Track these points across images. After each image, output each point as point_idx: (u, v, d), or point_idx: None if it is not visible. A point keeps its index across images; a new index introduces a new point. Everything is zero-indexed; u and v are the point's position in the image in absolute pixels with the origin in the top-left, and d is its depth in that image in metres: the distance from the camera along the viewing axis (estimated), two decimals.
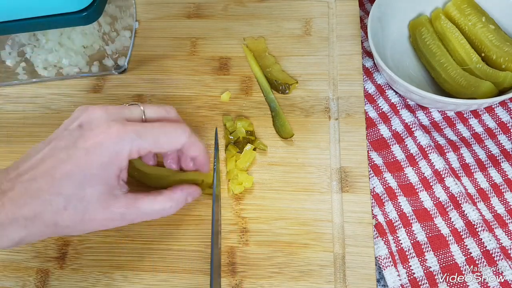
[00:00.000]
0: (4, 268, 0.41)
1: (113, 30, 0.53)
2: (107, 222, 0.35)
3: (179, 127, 0.37)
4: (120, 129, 0.34)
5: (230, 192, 0.43)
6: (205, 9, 0.57)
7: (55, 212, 0.33)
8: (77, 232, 0.35)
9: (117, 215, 0.35)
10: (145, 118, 0.37)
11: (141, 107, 0.37)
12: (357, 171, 0.44)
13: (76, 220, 0.34)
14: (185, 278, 0.40)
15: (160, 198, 0.37)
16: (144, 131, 0.35)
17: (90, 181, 0.33)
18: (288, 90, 0.49)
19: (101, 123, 0.34)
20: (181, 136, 0.36)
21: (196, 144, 0.38)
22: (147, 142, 0.35)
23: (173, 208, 0.38)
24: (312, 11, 0.55)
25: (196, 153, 0.39)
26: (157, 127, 0.36)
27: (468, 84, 0.46)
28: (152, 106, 0.38)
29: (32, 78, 0.52)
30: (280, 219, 0.42)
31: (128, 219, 0.36)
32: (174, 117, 0.39)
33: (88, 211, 0.34)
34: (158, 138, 0.35)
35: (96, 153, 0.33)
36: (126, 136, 0.34)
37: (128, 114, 0.36)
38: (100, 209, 0.34)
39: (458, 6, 0.51)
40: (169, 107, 0.39)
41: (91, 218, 0.34)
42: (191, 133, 0.37)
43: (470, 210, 0.42)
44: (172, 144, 0.36)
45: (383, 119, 0.48)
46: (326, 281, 0.39)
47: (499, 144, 0.46)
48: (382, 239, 0.41)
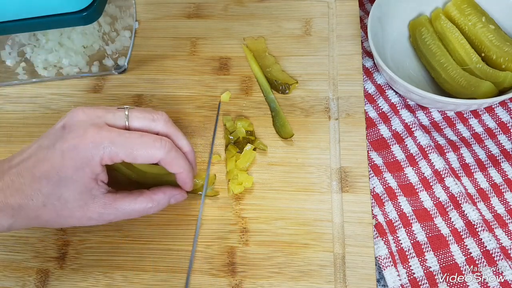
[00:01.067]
0: (4, 268, 0.41)
1: (113, 30, 0.53)
2: (86, 220, 0.36)
3: (158, 142, 0.36)
4: (95, 134, 0.34)
5: (230, 192, 0.43)
6: (205, 9, 0.57)
7: (36, 207, 0.34)
8: (58, 226, 0.37)
9: (95, 214, 0.36)
10: (128, 124, 0.36)
11: (127, 112, 0.36)
12: (357, 171, 0.44)
13: (55, 216, 0.35)
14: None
15: (141, 198, 0.37)
16: (119, 140, 0.34)
17: (65, 182, 0.34)
18: (288, 90, 0.49)
19: (80, 127, 0.35)
20: (158, 151, 0.35)
21: (176, 161, 0.37)
22: (120, 151, 0.34)
23: (153, 209, 0.38)
24: (312, 11, 0.55)
25: (176, 171, 0.38)
26: (134, 138, 0.35)
27: (468, 84, 0.46)
28: (139, 112, 0.37)
29: (32, 78, 0.52)
30: (280, 219, 0.42)
31: (107, 218, 0.37)
32: (161, 127, 0.37)
33: (65, 209, 0.35)
34: (132, 150, 0.35)
35: (70, 156, 0.34)
36: (99, 143, 0.34)
37: (110, 119, 0.36)
38: (77, 208, 0.35)
39: (458, 6, 0.51)
40: (158, 115, 0.38)
41: (69, 215, 0.35)
42: (170, 149, 0.36)
43: (470, 210, 0.42)
44: (147, 158, 0.35)
45: (383, 119, 0.48)
46: (326, 281, 0.39)
47: (499, 144, 0.46)
48: (382, 239, 0.41)
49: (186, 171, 0.38)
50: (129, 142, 0.35)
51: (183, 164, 0.37)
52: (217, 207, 0.43)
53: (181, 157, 0.37)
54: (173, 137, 0.38)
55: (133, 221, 0.43)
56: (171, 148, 0.36)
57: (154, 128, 0.37)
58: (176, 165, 0.37)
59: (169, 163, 0.37)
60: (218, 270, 0.40)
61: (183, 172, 0.38)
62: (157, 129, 0.37)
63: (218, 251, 0.41)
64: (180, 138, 0.39)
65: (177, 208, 0.43)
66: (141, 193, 0.38)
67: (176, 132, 0.38)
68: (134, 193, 0.38)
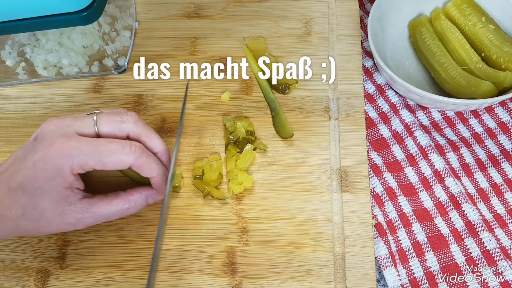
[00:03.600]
0: (4, 268, 0.41)
1: (113, 30, 0.53)
2: (65, 226, 0.37)
3: (127, 147, 0.35)
4: (63, 144, 0.34)
5: (230, 192, 0.43)
6: (205, 9, 0.57)
7: (15, 217, 0.35)
8: (39, 234, 0.38)
9: (73, 220, 0.36)
10: (98, 131, 0.36)
11: (95, 117, 0.36)
12: (357, 171, 0.44)
13: (34, 225, 0.36)
14: (185, 278, 0.40)
15: (116, 201, 0.38)
16: (87, 149, 0.34)
17: (39, 193, 0.35)
18: (288, 90, 0.49)
19: (49, 137, 0.35)
20: (127, 157, 0.35)
21: (147, 165, 0.36)
22: (90, 160, 0.34)
23: (131, 209, 0.38)
24: (312, 11, 0.55)
25: (149, 175, 0.37)
26: (102, 145, 0.35)
27: (468, 84, 0.46)
28: (107, 116, 0.37)
29: (32, 78, 0.52)
30: (280, 219, 0.42)
31: (85, 222, 0.37)
32: (131, 128, 0.37)
33: (43, 218, 0.35)
34: (101, 157, 0.35)
35: (40, 167, 0.34)
36: (68, 152, 0.34)
37: (79, 127, 0.36)
38: (55, 216, 0.35)
39: (458, 6, 0.51)
40: (127, 116, 0.37)
41: (47, 223, 0.36)
42: (141, 154, 0.36)
43: (470, 210, 0.42)
44: (117, 164, 0.35)
45: (383, 119, 0.48)
46: (326, 281, 0.39)
47: (499, 144, 0.46)
48: (382, 239, 0.41)
49: (159, 175, 0.38)
50: (98, 150, 0.35)
51: (156, 168, 0.37)
52: (217, 207, 0.43)
53: (153, 161, 0.37)
54: (144, 137, 0.38)
55: (133, 221, 0.43)
56: (142, 153, 0.36)
57: (125, 130, 0.37)
58: (148, 170, 0.37)
59: (141, 168, 0.36)
60: (218, 270, 0.40)
61: (156, 176, 0.37)
62: (128, 130, 0.37)
63: (218, 251, 0.41)
64: (152, 137, 0.38)
65: (177, 208, 0.43)
66: (117, 195, 0.38)
67: (148, 131, 0.38)
68: (110, 195, 0.38)
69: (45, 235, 0.38)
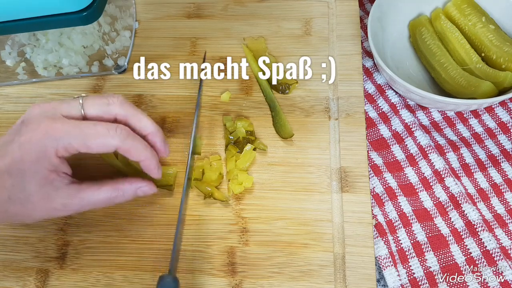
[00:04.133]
0: (4, 268, 0.41)
1: (113, 30, 0.53)
2: (52, 212, 0.36)
3: (112, 130, 0.35)
4: (48, 126, 0.34)
5: (230, 192, 0.43)
6: (205, 9, 0.57)
7: (3, 201, 0.35)
8: (28, 220, 0.37)
9: (59, 205, 0.36)
10: (84, 113, 0.36)
11: (81, 100, 0.36)
12: (357, 171, 0.44)
13: (21, 209, 0.35)
14: (185, 278, 0.40)
15: (105, 188, 0.37)
16: (72, 131, 0.34)
17: (25, 176, 0.34)
18: (288, 90, 0.49)
19: (35, 120, 0.35)
20: (112, 140, 0.35)
21: (134, 149, 0.36)
22: (74, 142, 0.34)
23: (118, 198, 0.38)
24: (312, 11, 0.55)
25: (136, 158, 0.37)
26: (88, 128, 0.35)
27: (468, 84, 0.46)
28: (93, 99, 0.36)
29: (32, 78, 0.52)
30: (280, 219, 0.42)
31: (72, 209, 0.37)
32: (118, 110, 0.36)
33: (30, 202, 0.35)
34: (86, 139, 0.34)
35: (26, 150, 0.34)
36: (52, 134, 0.34)
37: (65, 110, 0.36)
38: (41, 200, 0.35)
39: (458, 6, 0.51)
40: (114, 98, 0.37)
41: (34, 208, 0.35)
42: (126, 137, 0.35)
43: (470, 210, 0.42)
44: (102, 147, 0.35)
45: (383, 119, 0.48)
46: (326, 281, 0.39)
47: (499, 144, 0.46)
48: (382, 239, 0.41)
49: (147, 159, 0.37)
50: (83, 132, 0.34)
51: (143, 151, 0.36)
52: (217, 207, 0.43)
53: (139, 144, 0.36)
54: (133, 118, 0.37)
55: (133, 221, 0.43)
56: (127, 136, 0.35)
57: (112, 112, 0.37)
58: (135, 153, 0.36)
59: (127, 151, 0.36)
60: (218, 270, 0.40)
61: (144, 160, 0.37)
62: (114, 112, 0.37)
63: (218, 251, 0.41)
64: (141, 118, 0.38)
65: (177, 208, 0.43)
66: (106, 182, 0.38)
67: (135, 112, 0.37)
68: (99, 182, 0.37)
69: (34, 221, 0.37)
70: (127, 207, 0.43)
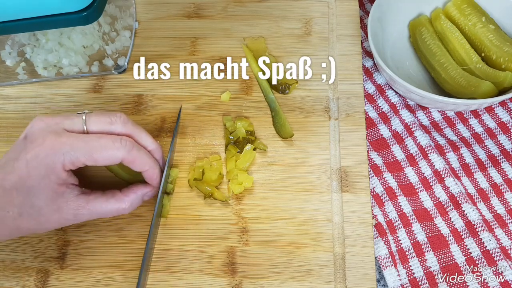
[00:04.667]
0: (4, 268, 0.41)
1: (113, 30, 0.53)
2: (63, 221, 0.37)
3: (117, 142, 0.36)
4: (54, 141, 0.34)
5: (230, 192, 0.43)
6: (205, 9, 0.57)
7: (13, 219, 0.35)
8: (42, 231, 0.38)
9: (70, 216, 0.37)
10: (87, 129, 0.37)
11: (84, 117, 0.37)
12: (357, 171, 0.44)
13: (34, 223, 0.36)
14: (185, 278, 0.40)
15: (112, 200, 0.38)
16: (78, 144, 0.35)
17: (34, 191, 0.35)
18: (288, 90, 0.49)
19: (39, 135, 0.35)
20: (118, 152, 0.36)
21: (139, 159, 0.37)
22: (80, 155, 0.35)
23: (128, 210, 0.39)
24: (312, 11, 0.55)
25: (141, 169, 0.38)
26: (93, 141, 0.35)
27: (468, 84, 0.46)
28: (97, 116, 0.37)
29: (32, 78, 0.52)
30: (280, 219, 0.42)
31: (82, 218, 0.38)
32: (120, 129, 0.37)
33: (41, 215, 0.35)
34: (92, 153, 0.35)
35: (33, 165, 0.34)
36: (59, 149, 0.34)
37: (68, 125, 0.36)
38: (52, 212, 0.36)
39: (458, 6, 0.51)
40: (116, 117, 0.38)
41: (47, 220, 0.36)
42: (131, 148, 0.36)
43: (470, 210, 0.42)
44: (108, 159, 0.36)
45: (383, 119, 0.48)
46: (326, 281, 0.39)
47: (499, 144, 0.46)
48: (382, 239, 0.41)
49: (151, 168, 0.38)
50: (88, 145, 0.35)
51: (147, 161, 0.38)
52: (217, 207, 0.43)
53: (144, 155, 0.37)
54: (135, 136, 0.38)
55: (133, 221, 0.43)
56: (132, 147, 0.36)
57: (114, 131, 0.37)
58: (140, 163, 0.37)
59: (132, 162, 0.37)
60: (218, 270, 0.40)
61: (148, 169, 0.38)
62: (117, 131, 0.38)
63: (218, 251, 0.41)
64: (142, 136, 0.39)
65: (177, 208, 0.43)
66: (113, 194, 0.38)
67: (138, 131, 0.39)
68: (107, 194, 0.38)
69: (48, 231, 0.38)
70: None
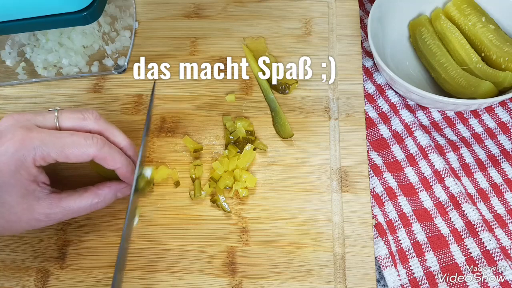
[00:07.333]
0: (4, 268, 0.41)
1: (113, 30, 0.53)
2: (34, 222, 0.36)
3: (89, 139, 0.36)
4: (24, 136, 0.34)
5: (232, 193, 0.43)
6: (205, 9, 0.57)
7: None
8: (10, 232, 0.37)
9: (42, 216, 0.36)
10: (59, 126, 0.36)
11: (56, 113, 0.37)
12: (357, 171, 0.44)
13: (4, 222, 0.35)
14: (185, 278, 0.40)
15: (86, 194, 0.38)
16: (49, 140, 0.34)
17: (5, 187, 0.34)
18: (288, 90, 0.49)
19: (9, 131, 0.35)
20: (89, 149, 0.35)
21: (111, 157, 0.37)
22: (52, 151, 0.34)
23: (100, 204, 0.38)
24: (312, 11, 0.55)
25: (113, 166, 0.38)
26: (64, 137, 0.35)
27: (468, 84, 0.46)
28: (69, 112, 0.37)
29: (32, 78, 0.52)
30: (280, 219, 0.42)
31: (54, 218, 0.37)
32: (92, 125, 0.37)
33: (12, 214, 0.35)
34: (63, 149, 0.35)
35: (3, 161, 0.34)
36: (29, 144, 0.34)
37: (40, 121, 0.36)
38: (23, 211, 0.35)
39: (458, 6, 0.51)
40: (88, 113, 0.38)
41: (17, 219, 0.35)
42: (103, 146, 0.36)
43: (470, 210, 0.42)
44: (80, 156, 0.36)
45: (383, 119, 0.48)
46: (326, 281, 0.39)
47: (499, 144, 0.46)
48: (382, 239, 0.41)
49: (124, 166, 0.38)
50: (60, 141, 0.35)
51: (119, 159, 0.38)
52: (218, 207, 0.43)
53: (116, 152, 0.37)
54: (107, 133, 0.38)
55: None
56: (104, 144, 0.36)
57: (86, 127, 0.37)
58: (112, 161, 0.37)
59: (104, 160, 0.37)
60: (218, 270, 0.40)
61: (120, 167, 0.38)
62: (89, 127, 0.37)
63: (218, 251, 0.41)
64: (115, 134, 0.39)
65: (177, 208, 0.43)
66: (86, 189, 0.38)
67: (110, 128, 0.38)
68: (79, 190, 0.38)
69: (17, 233, 0.38)
70: (127, 207, 0.43)
